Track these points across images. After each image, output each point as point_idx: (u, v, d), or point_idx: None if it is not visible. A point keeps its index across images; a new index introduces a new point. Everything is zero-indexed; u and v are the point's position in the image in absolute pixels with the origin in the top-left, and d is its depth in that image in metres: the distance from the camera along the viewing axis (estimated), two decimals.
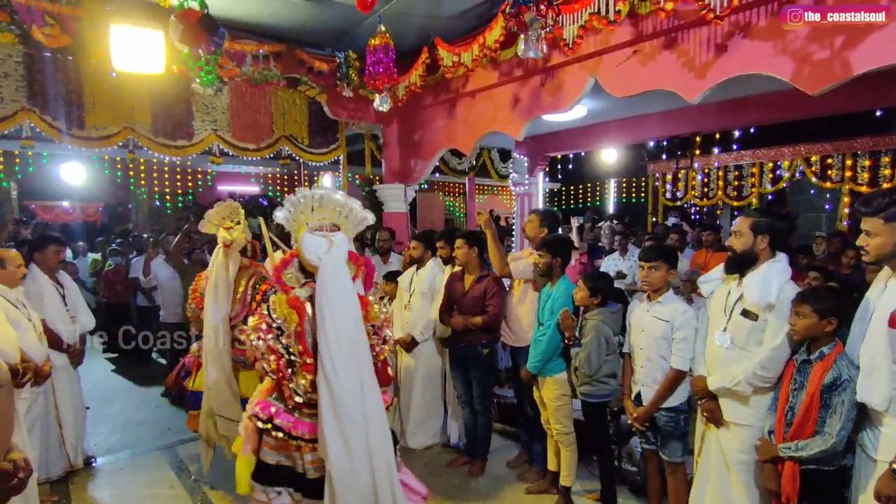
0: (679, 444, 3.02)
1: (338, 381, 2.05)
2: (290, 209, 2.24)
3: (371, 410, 2.12)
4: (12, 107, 4.41)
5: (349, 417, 2.06)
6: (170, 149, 5.30)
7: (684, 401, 2.97)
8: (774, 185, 8.80)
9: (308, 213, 2.25)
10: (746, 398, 2.57)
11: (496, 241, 3.85)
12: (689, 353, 2.87)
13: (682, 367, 2.88)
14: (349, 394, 2.07)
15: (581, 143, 7.58)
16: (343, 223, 2.30)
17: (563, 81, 4.26)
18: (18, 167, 9.83)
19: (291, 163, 8.44)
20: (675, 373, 2.90)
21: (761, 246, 2.58)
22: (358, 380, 2.10)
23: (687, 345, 2.87)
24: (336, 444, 2.05)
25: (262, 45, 5.01)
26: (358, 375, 2.10)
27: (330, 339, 2.07)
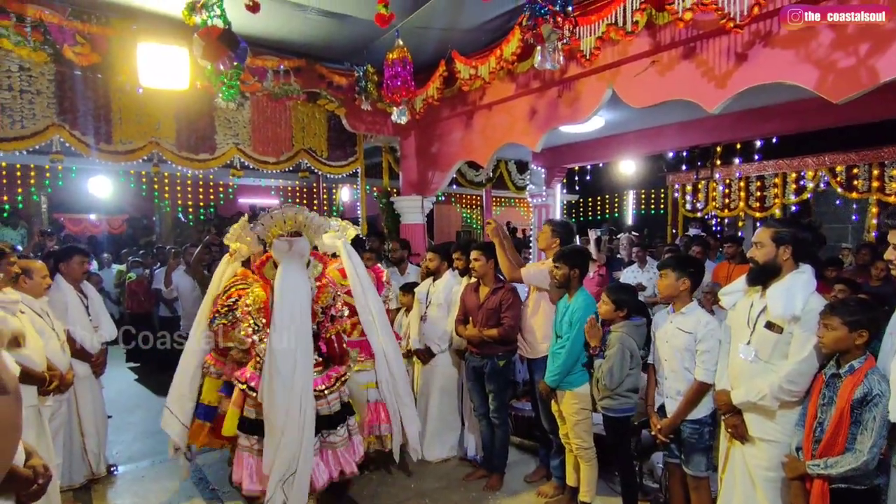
0: (703, 457, 2.95)
1: (278, 344, 2.78)
2: (263, 224, 2.98)
3: (300, 369, 2.82)
4: (43, 122, 4.56)
5: (280, 373, 2.76)
6: (193, 162, 5.41)
7: (709, 413, 2.91)
8: (798, 195, 8.63)
9: (279, 225, 2.95)
10: (773, 413, 2.50)
11: (503, 248, 3.84)
12: (713, 364, 2.82)
13: (705, 380, 2.82)
14: (284, 354, 2.78)
15: (599, 155, 7.54)
16: (305, 231, 2.99)
17: (581, 93, 4.25)
18: (49, 181, 10.14)
19: (310, 175, 8.55)
20: (699, 385, 2.85)
21: (784, 257, 2.52)
22: (294, 345, 2.80)
23: (711, 356, 2.82)
24: (269, 391, 2.77)
25: (282, 60, 5.12)
26: (296, 342, 2.80)
27: (278, 313, 2.83)
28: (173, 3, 4.06)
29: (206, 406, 3.65)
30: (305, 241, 2.96)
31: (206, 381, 3.66)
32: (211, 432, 3.57)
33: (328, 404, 3.07)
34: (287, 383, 2.77)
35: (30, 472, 1.58)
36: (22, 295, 3.24)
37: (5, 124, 4.39)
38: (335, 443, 3.09)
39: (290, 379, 2.78)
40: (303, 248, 2.95)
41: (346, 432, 3.16)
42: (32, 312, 3.27)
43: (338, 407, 3.13)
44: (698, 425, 2.91)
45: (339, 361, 3.25)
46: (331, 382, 3.11)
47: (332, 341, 3.17)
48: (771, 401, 2.46)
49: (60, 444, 3.56)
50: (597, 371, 3.22)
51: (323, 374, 3.12)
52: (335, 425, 3.09)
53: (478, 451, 4.31)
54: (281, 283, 2.87)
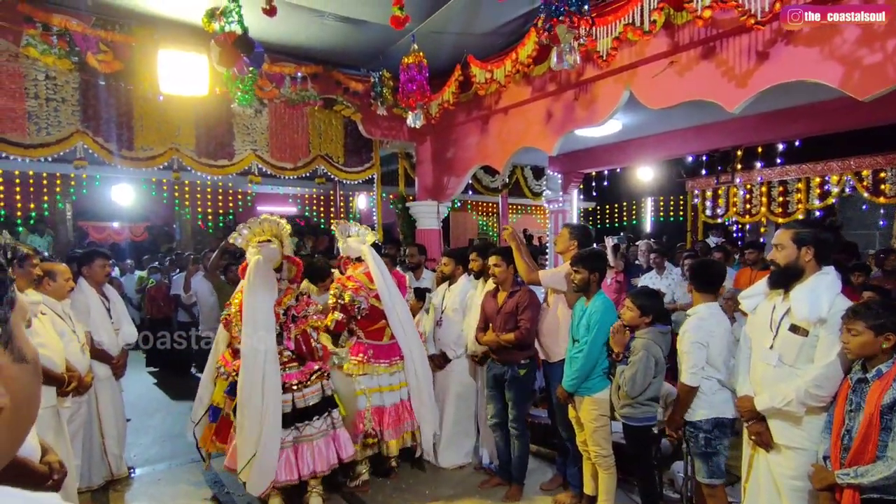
0: (703, 464, 2.88)
1: (246, 339, 3.21)
2: (241, 235, 3.36)
3: (269, 363, 3.21)
4: (68, 129, 4.67)
5: (249, 363, 3.19)
6: (211, 168, 5.49)
7: (707, 419, 2.84)
8: (823, 200, 8.43)
9: (257, 234, 3.33)
10: (799, 419, 2.41)
11: (520, 251, 3.81)
12: (692, 366, 2.81)
13: (687, 382, 2.83)
14: (250, 348, 3.21)
15: (616, 160, 7.46)
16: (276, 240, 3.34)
17: (597, 95, 4.21)
18: (74, 189, 10.38)
19: (327, 183, 8.62)
20: (681, 386, 2.87)
21: (806, 258, 2.45)
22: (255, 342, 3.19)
23: (688, 357, 2.83)
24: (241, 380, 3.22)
25: (300, 66, 5.18)
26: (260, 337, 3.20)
27: (246, 312, 3.24)
28: (193, 11, 4.14)
29: (214, 407, 3.69)
30: (273, 247, 3.31)
31: (217, 383, 3.75)
32: (215, 434, 3.62)
33: (304, 398, 3.34)
34: (251, 375, 3.18)
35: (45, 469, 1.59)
36: (44, 297, 3.29)
37: (31, 131, 4.51)
38: (312, 435, 3.34)
39: (252, 371, 3.18)
40: (271, 253, 3.29)
41: (325, 425, 3.40)
42: (54, 314, 3.32)
43: (315, 400, 3.38)
44: (693, 429, 2.89)
45: (313, 358, 3.48)
46: (305, 377, 3.38)
47: (299, 340, 3.42)
48: (797, 406, 2.38)
49: (79, 445, 3.60)
50: (618, 377, 3.15)
51: (298, 370, 3.39)
52: (310, 416, 3.34)
53: (493, 459, 4.24)
54: (247, 286, 3.25)
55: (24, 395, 0.60)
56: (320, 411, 3.41)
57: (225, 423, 3.57)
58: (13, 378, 0.58)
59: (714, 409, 2.83)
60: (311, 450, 3.35)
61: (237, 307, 3.39)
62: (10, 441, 0.60)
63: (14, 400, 0.58)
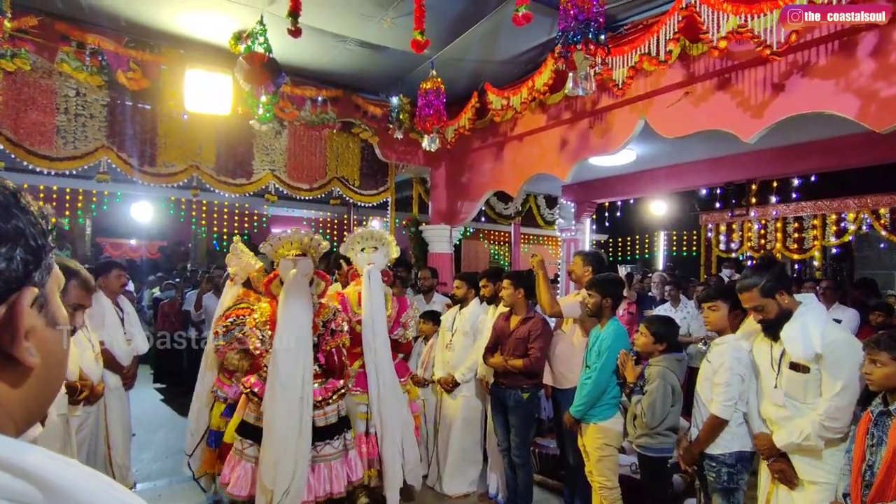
0: (724, 500, 2.75)
1: (282, 355, 2.97)
2: (271, 244, 3.23)
3: (301, 379, 3.00)
4: (94, 144, 4.81)
5: (284, 382, 2.94)
6: (230, 186, 5.59)
7: (730, 453, 2.72)
8: (839, 238, 8.33)
9: (286, 246, 3.20)
10: (820, 453, 2.35)
11: (546, 281, 3.75)
12: (729, 399, 2.66)
13: (720, 414, 2.67)
14: (286, 363, 2.97)
15: (630, 190, 7.48)
16: (309, 252, 3.21)
17: (612, 123, 4.26)
18: (95, 205, 10.59)
19: (342, 206, 8.71)
20: (712, 419, 2.71)
21: (784, 301, 2.46)
22: (296, 355, 2.99)
23: (726, 390, 2.66)
24: (272, 398, 2.95)
25: (320, 90, 5.31)
26: (297, 352, 3.00)
27: (281, 325, 3.04)
28: (220, 33, 4.29)
29: (214, 432, 3.67)
30: (309, 261, 3.20)
31: (214, 406, 3.70)
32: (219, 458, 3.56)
33: (325, 416, 3.20)
34: (289, 391, 2.97)
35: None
36: None
37: (59, 145, 4.64)
38: (329, 455, 3.18)
39: (292, 387, 2.98)
40: (306, 267, 3.18)
41: (341, 445, 3.25)
42: None
43: (335, 419, 3.24)
44: (715, 463, 2.75)
45: (338, 375, 3.37)
46: (328, 395, 3.24)
47: (332, 354, 3.34)
48: (816, 440, 2.32)
49: (85, 455, 3.57)
50: (633, 406, 3.07)
51: (321, 387, 3.24)
52: (332, 436, 3.20)
53: (500, 491, 4.13)
54: (285, 298, 3.11)
55: (55, 357, 0.63)
56: (338, 431, 3.26)
57: (228, 447, 3.43)
58: (45, 340, 0.61)
59: (738, 441, 2.72)
60: (329, 470, 3.17)
61: (266, 317, 3.21)
62: (39, 400, 0.63)
63: (44, 360, 0.61)
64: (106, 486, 0.53)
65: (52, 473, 0.49)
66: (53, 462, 0.51)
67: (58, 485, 0.48)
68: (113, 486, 0.55)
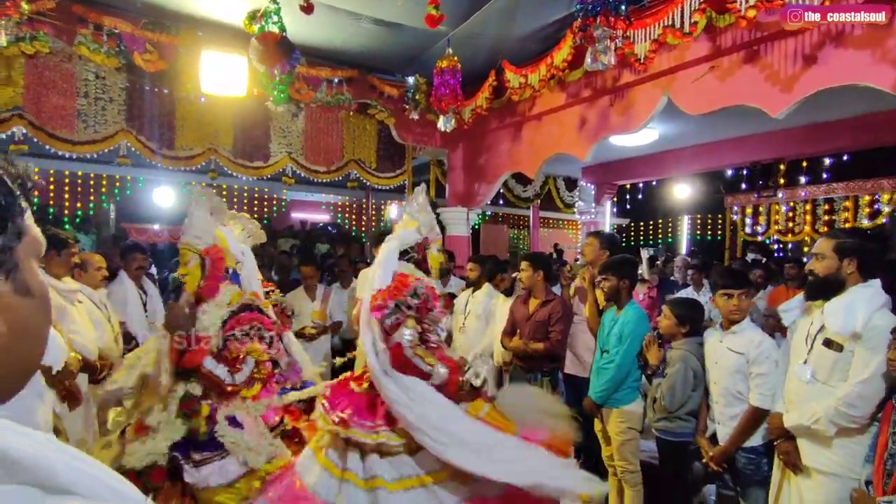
0: (762, 491, 2.68)
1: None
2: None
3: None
4: (114, 127, 4.86)
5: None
6: (247, 169, 5.61)
7: (765, 442, 2.65)
8: (872, 220, 8.02)
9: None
10: (829, 440, 2.25)
11: (595, 300, 3.58)
12: (770, 389, 2.58)
13: (762, 405, 2.58)
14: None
15: (652, 171, 7.31)
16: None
17: (634, 100, 4.13)
18: (118, 190, 10.80)
19: (359, 190, 8.70)
20: (754, 410, 2.61)
21: (849, 270, 2.28)
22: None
23: (766, 380, 2.58)
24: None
25: (336, 71, 5.26)
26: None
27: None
28: (234, 13, 4.26)
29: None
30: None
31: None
32: None
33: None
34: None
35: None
36: (81, 286, 3.38)
37: (80, 128, 4.70)
38: None
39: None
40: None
41: None
42: (91, 303, 3.41)
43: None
44: (755, 455, 2.66)
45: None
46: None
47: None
48: (826, 425, 2.21)
49: None
50: (653, 390, 3.01)
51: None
52: None
53: None
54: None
55: (22, 326, 0.59)
56: None
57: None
58: (12, 308, 0.58)
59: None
60: None
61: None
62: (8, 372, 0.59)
63: (11, 330, 0.57)
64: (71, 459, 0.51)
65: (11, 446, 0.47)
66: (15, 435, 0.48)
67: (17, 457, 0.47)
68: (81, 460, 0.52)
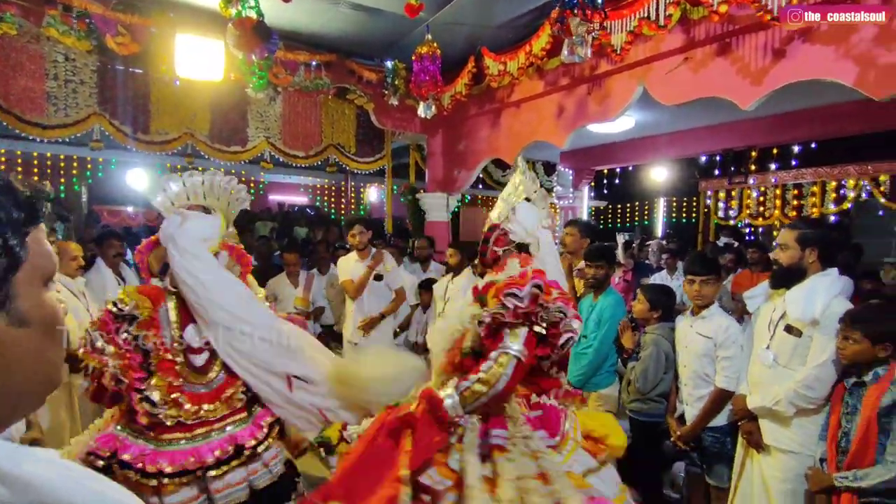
0: (726, 468, 2.85)
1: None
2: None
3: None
4: (85, 111, 4.75)
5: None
6: (224, 154, 5.54)
7: (729, 422, 2.81)
8: (838, 205, 8.30)
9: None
10: (788, 420, 2.41)
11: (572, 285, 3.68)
12: (735, 371, 2.73)
13: (727, 387, 2.73)
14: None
15: (628, 157, 7.43)
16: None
17: (611, 90, 4.19)
18: (90, 173, 10.52)
19: (338, 173, 8.66)
20: (720, 392, 2.76)
21: (810, 259, 2.43)
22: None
23: (732, 363, 2.73)
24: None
25: (314, 55, 5.19)
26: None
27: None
28: None
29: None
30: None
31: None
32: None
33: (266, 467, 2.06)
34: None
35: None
36: (59, 275, 3.35)
37: (50, 112, 4.59)
38: None
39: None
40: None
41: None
42: (69, 292, 3.38)
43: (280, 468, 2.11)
44: (720, 434, 2.82)
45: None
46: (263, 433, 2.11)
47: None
48: (786, 406, 2.37)
49: None
50: (629, 373, 3.14)
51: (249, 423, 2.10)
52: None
53: None
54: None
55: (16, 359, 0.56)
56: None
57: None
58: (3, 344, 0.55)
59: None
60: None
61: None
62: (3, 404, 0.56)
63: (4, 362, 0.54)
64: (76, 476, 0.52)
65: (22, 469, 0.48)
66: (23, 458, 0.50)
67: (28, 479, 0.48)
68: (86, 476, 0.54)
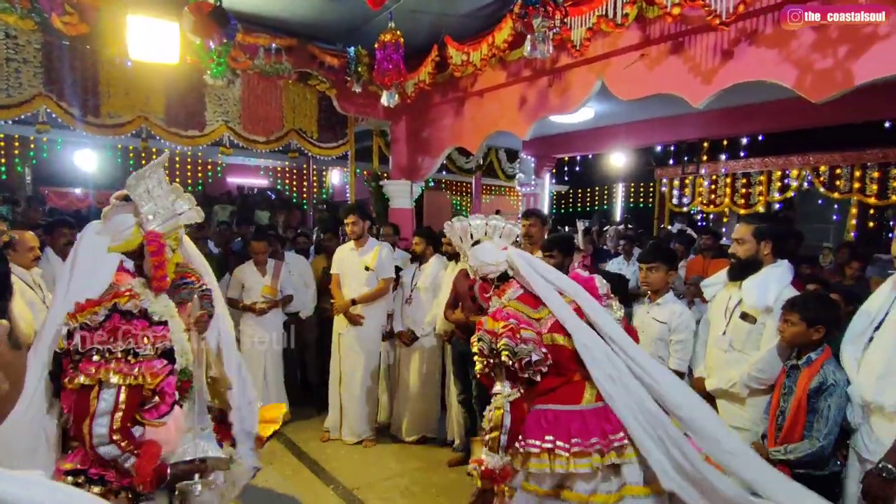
0: None
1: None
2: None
3: None
4: (30, 92, 4.50)
5: None
6: (181, 138, 5.38)
7: None
8: (782, 193, 8.77)
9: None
10: (743, 401, 2.61)
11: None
12: (687, 354, 2.91)
13: (679, 369, 2.91)
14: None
15: (589, 146, 7.61)
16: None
17: (571, 83, 4.29)
18: (34, 153, 9.98)
19: (300, 157, 8.51)
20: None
21: (765, 252, 2.63)
22: None
23: (684, 346, 2.91)
24: None
25: (274, 38, 5.07)
26: None
27: None
28: None
29: None
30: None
31: None
32: None
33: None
34: None
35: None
36: (13, 265, 3.23)
37: None
38: None
39: None
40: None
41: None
42: (24, 284, 3.27)
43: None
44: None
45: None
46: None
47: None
48: (741, 388, 2.57)
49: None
50: None
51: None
52: None
53: (457, 437, 4.38)
54: None
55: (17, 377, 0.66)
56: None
57: None
58: (11, 364, 0.64)
59: None
60: None
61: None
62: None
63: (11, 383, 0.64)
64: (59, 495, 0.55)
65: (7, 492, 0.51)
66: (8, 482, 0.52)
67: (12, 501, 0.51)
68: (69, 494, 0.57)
